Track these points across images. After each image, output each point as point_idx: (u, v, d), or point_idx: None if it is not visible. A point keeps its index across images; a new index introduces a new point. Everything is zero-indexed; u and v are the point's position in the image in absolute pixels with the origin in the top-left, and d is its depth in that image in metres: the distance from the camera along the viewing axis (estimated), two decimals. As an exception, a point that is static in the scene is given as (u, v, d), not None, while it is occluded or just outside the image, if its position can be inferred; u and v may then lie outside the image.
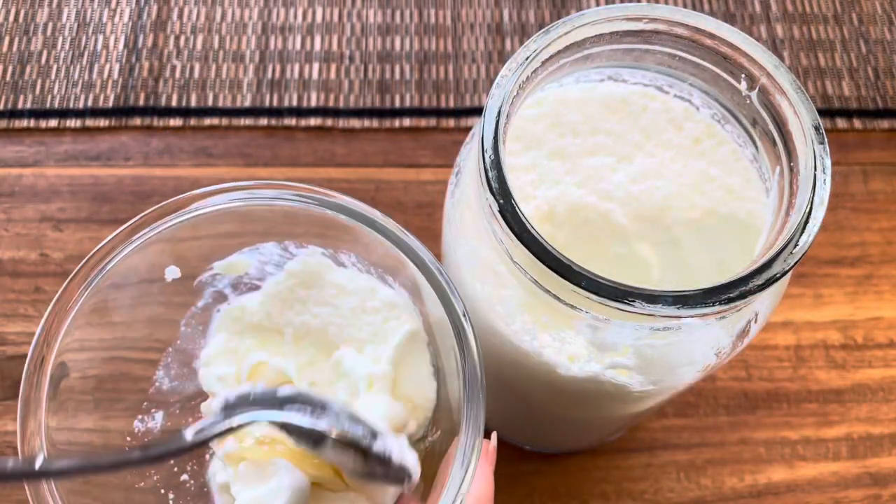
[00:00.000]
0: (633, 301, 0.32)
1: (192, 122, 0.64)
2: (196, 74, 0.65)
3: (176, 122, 0.64)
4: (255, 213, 0.35)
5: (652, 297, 0.32)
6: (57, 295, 0.32)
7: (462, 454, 0.30)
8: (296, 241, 0.37)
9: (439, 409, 0.36)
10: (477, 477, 0.31)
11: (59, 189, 0.61)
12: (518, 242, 0.33)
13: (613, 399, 0.40)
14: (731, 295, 0.32)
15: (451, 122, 0.64)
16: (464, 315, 0.33)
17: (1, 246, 0.59)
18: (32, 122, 0.63)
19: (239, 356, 0.37)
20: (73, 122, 0.63)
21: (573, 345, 0.36)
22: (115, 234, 0.33)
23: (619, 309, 0.32)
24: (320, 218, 0.35)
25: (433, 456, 0.35)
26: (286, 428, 0.29)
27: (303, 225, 0.36)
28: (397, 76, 0.66)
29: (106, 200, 0.60)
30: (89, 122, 0.63)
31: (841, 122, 0.65)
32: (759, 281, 0.33)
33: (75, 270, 0.32)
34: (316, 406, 0.29)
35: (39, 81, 0.65)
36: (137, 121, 0.63)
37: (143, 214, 0.33)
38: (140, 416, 0.34)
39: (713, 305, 0.32)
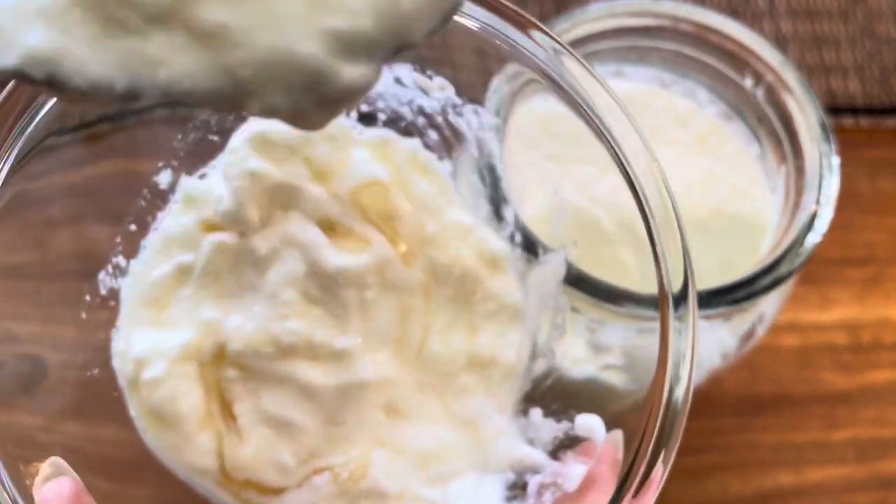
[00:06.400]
0: (624, 303, 0.32)
1: (191, 121, 0.63)
2: (194, 73, 0.65)
3: (174, 121, 0.63)
4: None
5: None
6: None
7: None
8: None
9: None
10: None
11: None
12: (517, 243, 0.32)
13: (610, 401, 0.39)
14: (737, 296, 0.32)
15: (452, 121, 0.63)
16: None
17: None
18: (29, 122, 0.62)
19: None
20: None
21: (572, 346, 0.36)
22: None
23: (613, 311, 0.32)
24: None
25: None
26: None
27: None
28: (397, 75, 0.65)
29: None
30: (87, 122, 0.63)
31: (847, 121, 0.64)
32: (766, 282, 0.33)
33: None
34: None
35: (36, 81, 0.64)
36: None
37: None
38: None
39: (718, 307, 0.32)
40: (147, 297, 0.28)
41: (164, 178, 0.29)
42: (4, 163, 0.24)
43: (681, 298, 0.26)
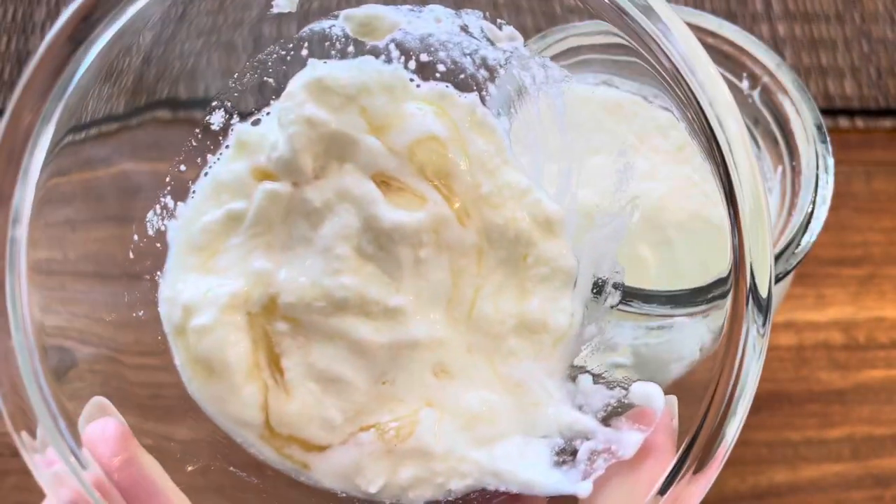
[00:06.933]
0: (633, 301, 0.32)
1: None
2: (195, 74, 0.65)
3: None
4: None
5: (663, 298, 0.32)
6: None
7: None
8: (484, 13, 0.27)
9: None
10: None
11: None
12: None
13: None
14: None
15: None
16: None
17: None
18: (31, 122, 0.62)
19: None
20: (71, 122, 0.63)
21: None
22: None
23: (621, 310, 0.32)
24: None
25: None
26: None
27: None
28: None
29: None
30: (88, 122, 0.63)
31: (843, 122, 0.65)
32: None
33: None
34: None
35: (38, 81, 0.64)
36: (136, 120, 0.63)
37: None
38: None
39: (706, 304, 0.32)
40: (195, 243, 0.28)
41: (216, 119, 0.29)
42: (33, 156, 0.24)
43: (767, 309, 0.24)
